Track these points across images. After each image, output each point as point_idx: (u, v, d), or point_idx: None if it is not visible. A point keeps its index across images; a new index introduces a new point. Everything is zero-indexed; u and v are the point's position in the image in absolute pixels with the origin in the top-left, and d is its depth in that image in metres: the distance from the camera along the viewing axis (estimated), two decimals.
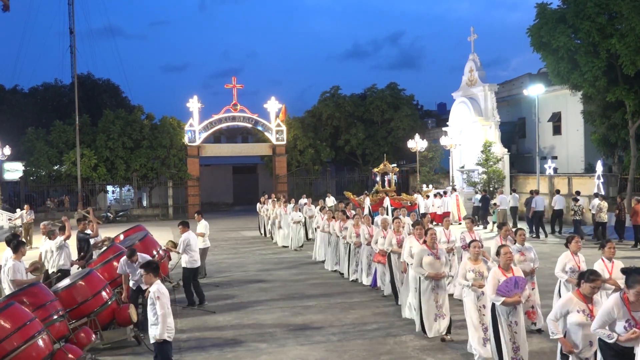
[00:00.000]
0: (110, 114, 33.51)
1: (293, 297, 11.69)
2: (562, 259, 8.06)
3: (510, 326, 6.62)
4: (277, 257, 17.42)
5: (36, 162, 31.84)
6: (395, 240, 10.51)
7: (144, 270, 6.61)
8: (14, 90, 41.56)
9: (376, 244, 11.50)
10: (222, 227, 27.21)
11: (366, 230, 12.40)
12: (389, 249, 10.58)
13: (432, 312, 8.35)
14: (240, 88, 35.10)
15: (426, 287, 8.33)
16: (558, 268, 8.05)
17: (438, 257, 8.32)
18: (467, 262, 7.60)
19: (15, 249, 8.63)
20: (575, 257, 8.02)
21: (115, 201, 38.12)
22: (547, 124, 30.98)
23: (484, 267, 7.57)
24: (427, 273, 8.23)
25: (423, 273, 8.28)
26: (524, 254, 8.66)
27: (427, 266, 8.25)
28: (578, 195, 20.08)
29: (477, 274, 7.49)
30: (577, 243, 8.07)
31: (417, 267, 8.36)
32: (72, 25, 41.84)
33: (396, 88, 38.56)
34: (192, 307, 10.91)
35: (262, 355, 8.06)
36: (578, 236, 8.36)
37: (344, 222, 13.69)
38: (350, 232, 12.89)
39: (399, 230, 10.75)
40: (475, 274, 7.47)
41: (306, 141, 36.58)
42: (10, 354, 6.27)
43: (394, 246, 10.50)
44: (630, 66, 19.63)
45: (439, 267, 8.31)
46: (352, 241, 12.81)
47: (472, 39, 29.68)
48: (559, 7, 22.19)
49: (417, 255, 8.44)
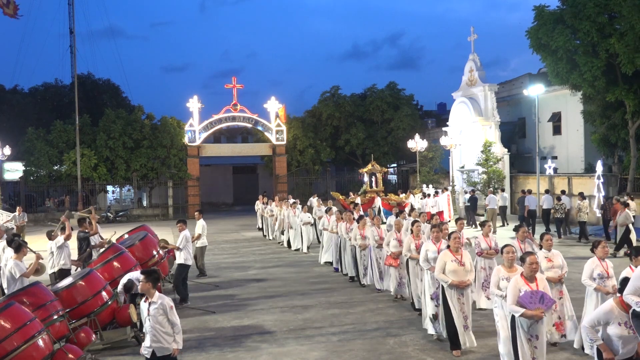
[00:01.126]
0: (111, 113, 33.53)
1: (293, 297, 11.68)
2: (588, 265, 7.45)
3: (530, 340, 6.14)
4: (277, 257, 17.42)
5: (36, 162, 31.86)
6: (414, 245, 9.67)
7: (143, 277, 6.16)
8: (14, 90, 41.58)
9: (388, 246, 11.01)
10: (222, 227, 27.22)
11: (375, 232, 11.93)
12: (407, 254, 9.81)
13: (460, 323, 7.65)
14: (240, 88, 35.14)
15: (451, 296, 7.67)
16: (585, 275, 7.44)
17: (462, 263, 7.68)
18: (500, 269, 6.84)
19: (17, 249, 8.64)
20: (602, 263, 7.45)
21: (115, 201, 38.12)
22: (547, 124, 30.97)
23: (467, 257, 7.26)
24: (451, 281, 7.60)
25: (446, 281, 7.63)
26: (551, 260, 8.02)
27: (451, 273, 7.63)
28: (563, 194, 20.23)
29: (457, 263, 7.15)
30: (603, 248, 7.49)
31: (439, 274, 7.72)
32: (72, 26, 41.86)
33: (396, 88, 38.57)
34: (184, 303, 10.94)
35: (262, 355, 8.06)
36: (604, 241, 7.82)
37: (351, 223, 13.21)
38: (355, 233, 12.42)
39: (418, 234, 9.87)
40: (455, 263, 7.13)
41: (306, 141, 36.58)
42: (10, 354, 6.27)
43: (412, 252, 9.66)
44: (628, 65, 19.64)
45: (464, 275, 7.66)
46: (357, 243, 12.36)
47: (472, 39, 29.69)
48: (557, 8, 22.22)
49: (439, 261, 7.80)
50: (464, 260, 7.71)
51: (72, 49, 39.08)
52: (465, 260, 7.71)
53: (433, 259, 8.32)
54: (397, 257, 10.65)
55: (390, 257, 10.86)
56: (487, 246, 9.92)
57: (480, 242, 10.03)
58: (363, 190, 23.30)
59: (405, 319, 9.67)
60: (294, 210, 19.06)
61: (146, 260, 11.14)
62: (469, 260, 7.82)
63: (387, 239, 11.15)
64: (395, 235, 10.87)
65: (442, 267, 7.69)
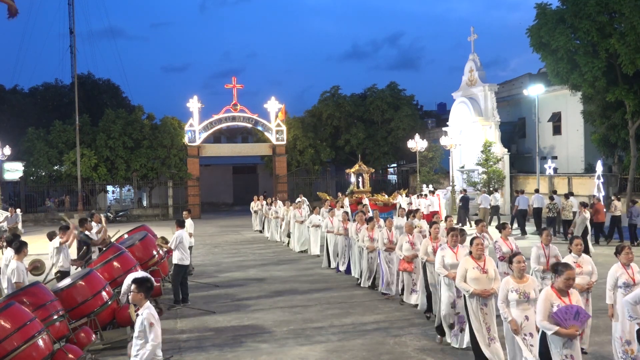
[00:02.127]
0: (111, 113, 33.54)
1: (293, 296, 11.67)
2: (612, 273, 6.93)
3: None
4: (277, 257, 17.41)
5: (36, 162, 31.86)
6: (432, 248, 9.06)
7: (135, 286, 5.66)
8: (14, 90, 41.58)
9: (400, 250, 10.42)
10: (222, 227, 27.25)
11: (385, 234, 11.30)
12: (424, 258, 9.16)
13: (484, 336, 7.03)
14: (240, 88, 35.11)
15: (474, 306, 7.05)
16: (609, 284, 6.93)
17: (485, 270, 7.05)
18: (509, 280, 6.25)
19: (18, 250, 8.58)
20: (628, 270, 6.98)
21: (115, 201, 38.14)
22: (547, 124, 30.99)
23: (530, 286, 6.10)
24: (472, 290, 7.01)
25: (467, 290, 7.04)
26: (580, 265, 7.48)
27: (473, 282, 7.02)
28: (554, 194, 20.34)
29: (522, 295, 6.06)
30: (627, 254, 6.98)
31: (460, 283, 7.16)
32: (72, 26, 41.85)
33: (396, 88, 38.57)
34: (177, 305, 10.93)
35: (262, 355, 8.05)
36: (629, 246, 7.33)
37: (362, 224, 12.58)
38: (363, 235, 11.95)
39: (437, 237, 9.26)
40: (520, 294, 6.06)
41: (306, 141, 36.58)
42: (10, 354, 6.26)
43: (429, 255, 9.03)
44: (629, 65, 19.65)
45: (487, 283, 7.03)
46: (364, 245, 11.89)
47: (472, 39, 29.72)
48: (558, 8, 22.22)
49: (460, 268, 7.23)
50: (487, 267, 7.10)
51: (72, 49, 39.12)
52: (488, 267, 7.10)
53: (450, 265, 7.88)
54: (411, 260, 10.18)
55: (404, 261, 10.31)
56: (509, 250, 9.19)
57: (500, 245, 9.37)
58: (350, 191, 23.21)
59: (405, 319, 9.66)
60: (299, 210, 18.47)
61: (146, 260, 11.14)
62: (493, 266, 7.20)
63: (399, 242, 10.58)
64: (408, 237, 10.33)
65: (463, 275, 7.13)
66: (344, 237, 14.04)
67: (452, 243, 8.17)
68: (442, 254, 8.11)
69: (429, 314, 9.43)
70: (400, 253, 10.39)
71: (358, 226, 12.73)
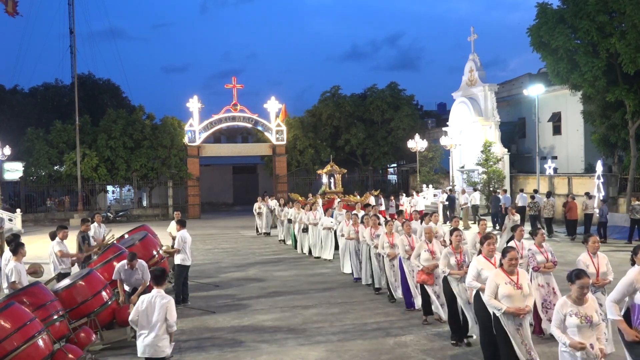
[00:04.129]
0: (112, 113, 33.57)
1: (293, 297, 11.67)
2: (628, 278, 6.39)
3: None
4: (277, 257, 17.42)
5: (36, 162, 31.86)
6: (455, 260, 7.99)
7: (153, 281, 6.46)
8: (14, 90, 41.55)
9: (417, 259, 9.18)
10: (222, 227, 27.25)
11: (406, 240, 10.10)
12: (446, 271, 8.04)
13: (525, 358, 6.18)
14: (240, 88, 35.14)
15: (510, 328, 6.17)
16: None
17: (519, 286, 6.17)
18: (566, 302, 5.31)
19: (15, 251, 8.56)
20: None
21: (115, 201, 38.14)
22: (547, 124, 30.97)
23: (592, 308, 5.24)
24: (505, 308, 6.13)
25: (499, 308, 6.17)
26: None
27: (505, 299, 6.16)
28: (536, 193, 21.46)
29: (584, 319, 5.15)
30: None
31: (491, 300, 6.24)
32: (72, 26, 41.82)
33: (396, 88, 38.56)
34: (177, 305, 10.91)
35: (262, 355, 8.05)
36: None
37: (376, 228, 11.65)
38: (383, 241, 10.83)
39: (459, 246, 8.16)
40: (581, 319, 5.15)
41: (306, 141, 36.58)
42: (10, 354, 6.27)
43: (453, 267, 7.99)
44: (630, 64, 19.63)
45: (521, 300, 6.17)
46: (384, 252, 10.76)
47: (472, 39, 29.72)
48: (558, 7, 22.21)
49: (490, 282, 6.28)
50: (520, 281, 6.21)
51: (72, 49, 39.09)
52: (522, 282, 6.23)
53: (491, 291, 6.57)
54: (430, 272, 8.95)
55: (422, 273, 9.06)
56: (544, 258, 8.20)
57: (534, 254, 8.25)
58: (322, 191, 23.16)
59: (405, 319, 9.66)
60: (314, 212, 17.20)
61: (146, 260, 11.11)
62: (527, 281, 6.36)
63: (416, 250, 9.33)
64: (427, 246, 9.12)
65: (493, 291, 6.23)
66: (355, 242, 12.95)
67: (488, 253, 7.04)
68: (479, 267, 6.93)
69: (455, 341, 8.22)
70: (418, 263, 9.15)
71: (372, 230, 11.67)
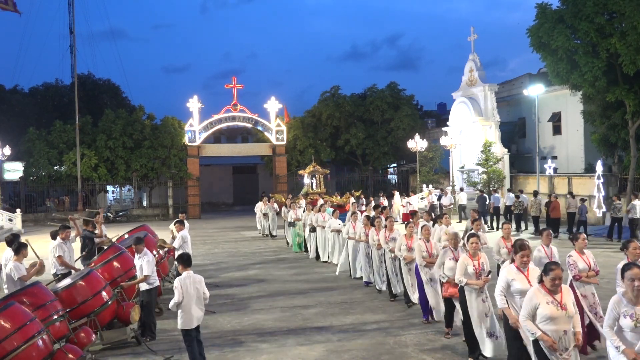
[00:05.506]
0: (111, 113, 33.56)
1: (293, 297, 11.67)
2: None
3: None
4: (277, 257, 17.42)
5: (36, 162, 31.87)
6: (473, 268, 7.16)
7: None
8: (14, 90, 41.60)
9: (440, 268, 8.11)
10: (222, 227, 27.25)
11: (423, 245, 9.13)
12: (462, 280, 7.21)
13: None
14: (240, 88, 35.16)
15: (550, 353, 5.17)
16: None
17: (563, 306, 5.15)
18: (621, 300, 4.84)
19: (17, 251, 8.58)
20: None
21: (115, 201, 38.16)
22: (547, 124, 30.98)
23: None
24: (539, 334, 5.13)
25: (534, 332, 5.19)
26: None
27: (546, 321, 5.15)
28: (521, 193, 22.53)
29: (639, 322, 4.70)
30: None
31: (527, 322, 5.26)
32: (72, 26, 41.91)
33: (396, 88, 38.58)
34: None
35: (262, 355, 8.05)
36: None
37: (391, 231, 10.93)
38: (401, 243, 10.02)
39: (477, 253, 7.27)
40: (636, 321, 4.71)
41: (306, 141, 36.59)
42: (10, 354, 6.26)
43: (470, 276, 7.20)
44: (630, 65, 19.63)
45: (566, 322, 5.16)
46: (401, 255, 9.96)
47: (472, 39, 29.73)
48: (558, 8, 22.21)
49: (528, 302, 5.30)
50: (564, 300, 5.18)
51: (72, 49, 39.16)
52: (566, 300, 5.20)
53: (520, 291, 5.89)
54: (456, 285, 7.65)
55: (449, 285, 7.90)
56: (586, 266, 7.47)
57: (576, 261, 7.43)
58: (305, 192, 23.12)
59: (405, 319, 9.66)
60: (323, 214, 16.30)
61: None
62: (572, 299, 5.32)
63: (440, 258, 8.22)
64: (452, 254, 7.98)
65: (532, 311, 5.22)
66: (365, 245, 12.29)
67: (522, 264, 6.10)
68: (510, 278, 6.04)
69: None
70: (443, 274, 8.02)
71: (387, 233, 10.93)
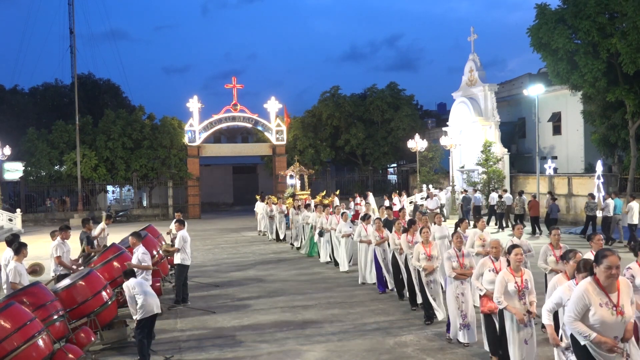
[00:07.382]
0: (111, 114, 33.55)
1: (293, 297, 11.67)
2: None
3: None
4: (277, 257, 17.42)
5: (37, 162, 31.86)
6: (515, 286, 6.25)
7: None
8: (14, 90, 41.61)
9: (479, 280, 7.08)
10: (222, 227, 27.24)
11: (454, 254, 8.05)
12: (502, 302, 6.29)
13: None
14: (240, 88, 35.19)
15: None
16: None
17: (620, 310, 4.56)
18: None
19: (17, 251, 8.56)
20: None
21: (115, 201, 38.15)
22: (547, 124, 30.98)
23: None
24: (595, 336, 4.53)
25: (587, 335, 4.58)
26: None
27: (600, 325, 4.53)
28: (505, 192, 23.32)
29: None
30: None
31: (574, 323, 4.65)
32: (72, 26, 41.89)
33: (396, 88, 38.56)
34: (177, 305, 10.92)
35: (262, 355, 8.05)
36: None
37: (413, 235, 10.06)
38: (418, 252, 9.09)
39: (519, 268, 6.34)
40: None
41: (306, 141, 36.59)
42: (10, 354, 6.26)
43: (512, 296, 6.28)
44: (630, 65, 19.63)
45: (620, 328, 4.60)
46: (420, 265, 9.06)
47: (472, 39, 29.70)
48: (558, 7, 22.21)
49: (577, 300, 4.67)
50: (622, 301, 4.60)
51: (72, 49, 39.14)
52: (624, 300, 4.60)
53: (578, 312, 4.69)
54: None
55: (487, 299, 6.84)
56: None
57: (635, 274, 6.37)
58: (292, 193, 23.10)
59: (405, 319, 9.66)
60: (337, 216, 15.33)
61: None
62: (630, 297, 4.67)
63: (477, 269, 7.21)
64: (492, 264, 6.95)
65: (582, 312, 4.63)
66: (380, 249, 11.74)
67: (572, 272, 5.64)
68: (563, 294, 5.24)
69: None
70: (482, 287, 6.98)
71: (409, 237, 10.09)
